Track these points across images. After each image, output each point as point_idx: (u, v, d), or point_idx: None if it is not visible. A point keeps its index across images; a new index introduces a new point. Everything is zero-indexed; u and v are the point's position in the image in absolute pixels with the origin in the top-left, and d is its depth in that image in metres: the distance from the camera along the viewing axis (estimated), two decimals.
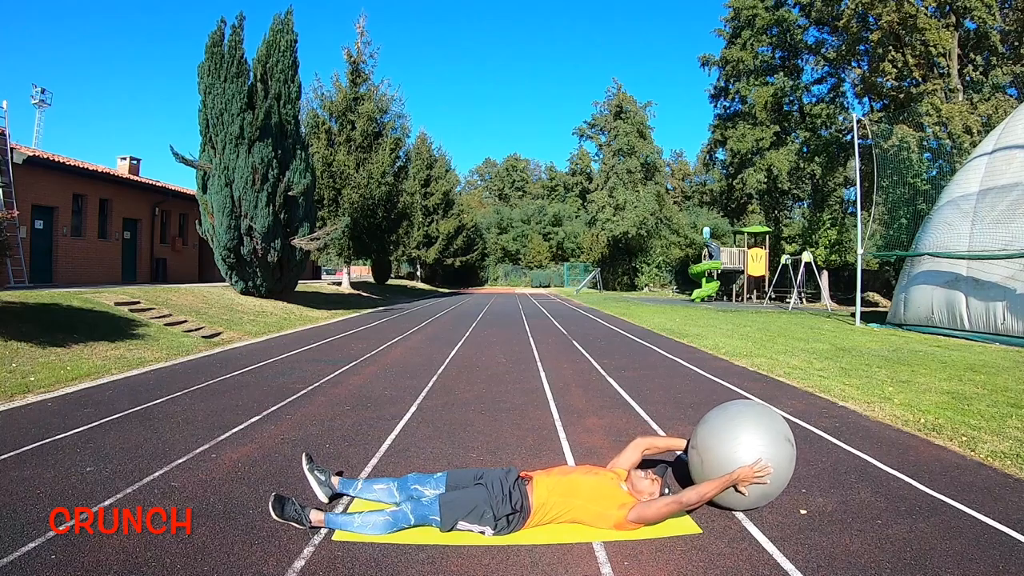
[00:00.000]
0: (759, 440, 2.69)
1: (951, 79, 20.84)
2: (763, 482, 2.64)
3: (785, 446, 2.73)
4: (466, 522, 2.54)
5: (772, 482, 2.67)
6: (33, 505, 2.71)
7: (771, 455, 2.66)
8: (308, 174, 14.30)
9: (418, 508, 2.60)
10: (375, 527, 2.53)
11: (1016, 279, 10.04)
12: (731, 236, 34.13)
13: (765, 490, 2.69)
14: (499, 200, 67.62)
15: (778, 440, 2.72)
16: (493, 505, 2.55)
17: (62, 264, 13.86)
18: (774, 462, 2.65)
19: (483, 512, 2.54)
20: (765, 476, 2.63)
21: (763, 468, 2.63)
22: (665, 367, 7.31)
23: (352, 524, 2.55)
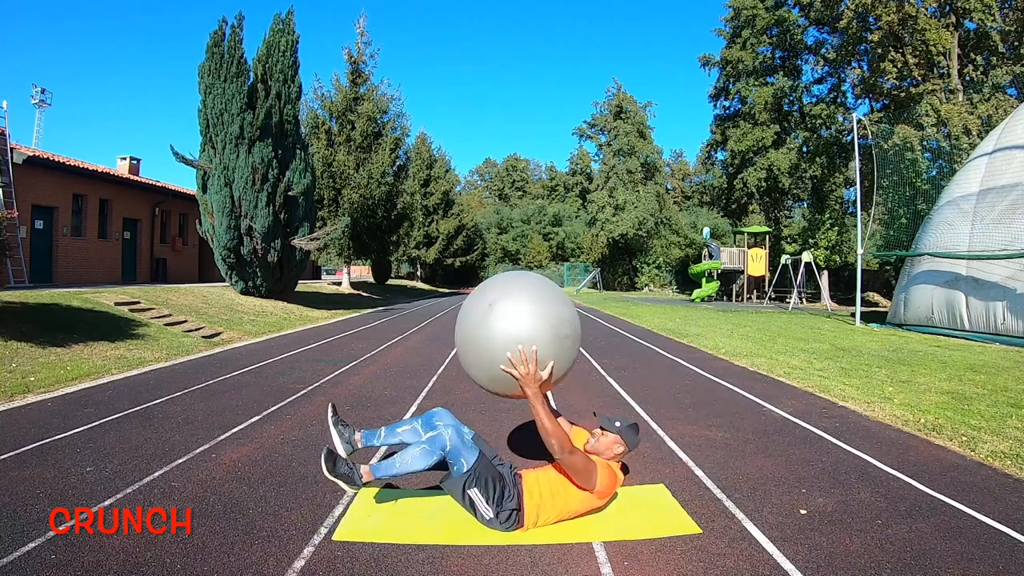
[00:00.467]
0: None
1: (951, 79, 20.84)
2: (523, 367, 2.49)
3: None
4: (479, 493, 2.52)
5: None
6: (33, 505, 2.71)
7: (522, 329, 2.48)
8: (308, 174, 14.30)
9: (458, 439, 2.58)
10: (415, 460, 2.54)
11: (1016, 279, 10.04)
12: (731, 236, 34.13)
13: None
14: (499, 200, 67.61)
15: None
16: (505, 495, 2.56)
17: (62, 264, 13.86)
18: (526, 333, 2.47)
19: (496, 496, 2.54)
20: (531, 359, 2.49)
21: (522, 354, 2.48)
22: (665, 367, 7.31)
23: (395, 466, 2.56)
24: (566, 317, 2.63)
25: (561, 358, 2.60)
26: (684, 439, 4.03)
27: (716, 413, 4.81)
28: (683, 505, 2.86)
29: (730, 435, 4.14)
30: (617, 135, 39.37)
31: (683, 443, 3.93)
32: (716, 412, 4.84)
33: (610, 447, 2.77)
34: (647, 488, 3.10)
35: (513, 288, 2.66)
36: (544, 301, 2.60)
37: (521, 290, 2.63)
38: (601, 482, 2.62)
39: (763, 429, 4.32)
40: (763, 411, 4.90)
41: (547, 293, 2.66)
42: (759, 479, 3.24)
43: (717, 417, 4.66)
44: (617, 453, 2.79)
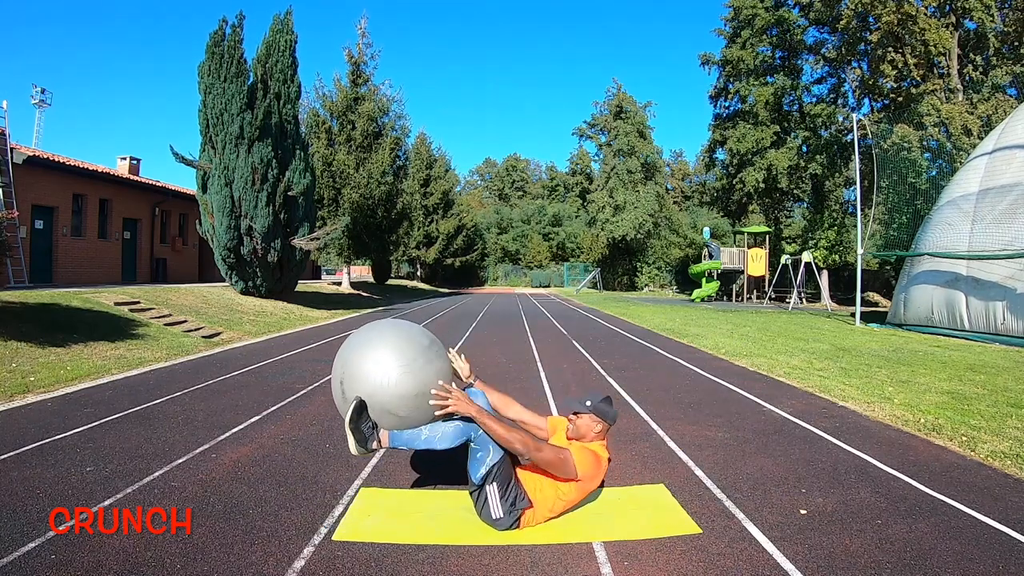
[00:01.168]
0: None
1: (951, 79, 20.84)
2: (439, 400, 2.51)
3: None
4: (496, 490, 2.52)
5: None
6: (33, 505, 2.71)
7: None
8: (308, 174, 14.31)
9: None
10: (445, 437, 2.51)
11: (1016, 279, 10.04)
12: (731, 236, 34.13)
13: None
14: (499, 200, 67.60)
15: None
16: (517, 496, 2.56)
17: (62, 264, 13.86)
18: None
19: (510, 495, 2.54)
20: (449, 391, 2.52)
21: (443, 389, 2.52)
22: (665, 367, 7.31)
23: (419, 438, 2.52)
24: (404, 349, 2.57)
25: (422, 380, 2.54)
26: (684, 439, 4.02)
27: (716, 413, 4.81)
28: (683, 505, 2.86)
29: (730, 435, 4.14)
30: (617, 135, 39.37)
31: (683, 443, 3.93)
32: (716, 412, 4.84)
33: (589, 427, 2.75)
34: (647, 488, 3.10)
35: (349, 354, 2.64)
36: (374, 353, 2.56)
37: (353, 354, 2.62)
38: (582, 468, 2.60)
39: (763, 429, 4.32)
40: (763, 411, 4.90)
41: (375, 345, 2.60)
42: (759, 479, 3.24)
43: (717, 417, 4.66)
44: (598, 431, 2.76)
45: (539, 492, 2.61)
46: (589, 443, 2.75)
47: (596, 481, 2.72)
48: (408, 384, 2.47)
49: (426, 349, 2.59)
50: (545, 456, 2.55)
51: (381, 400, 2.47)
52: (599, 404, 2.76)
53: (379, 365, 2.49)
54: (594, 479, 2.69)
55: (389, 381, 2.46)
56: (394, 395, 2.46)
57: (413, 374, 2.49)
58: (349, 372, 2.55)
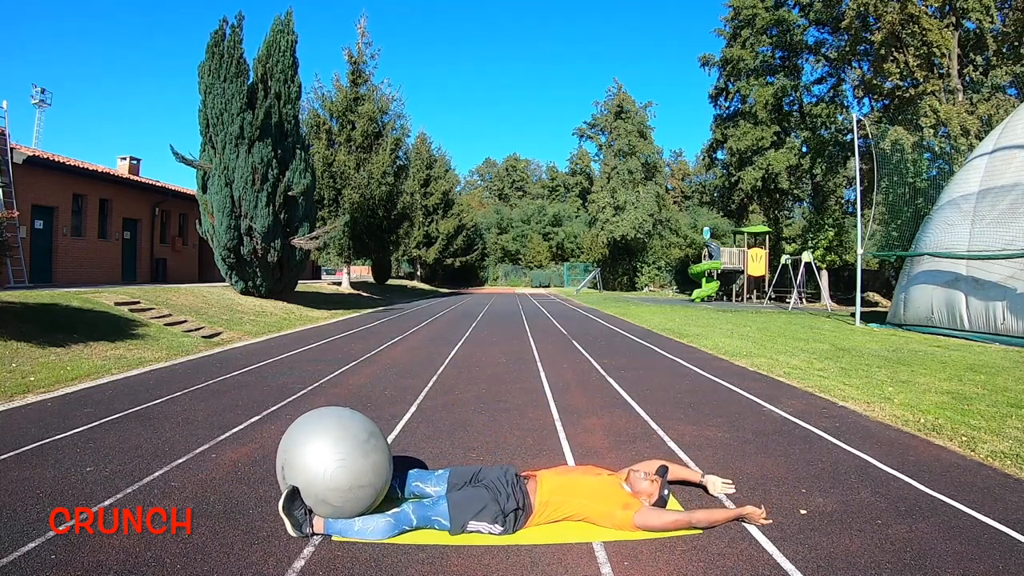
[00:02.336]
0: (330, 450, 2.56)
1: (951, 79, 20.84)
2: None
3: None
4: (476, 521, 2.52)
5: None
6: (33, 505, 2.71)
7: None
8: (308, 174, 14.31)
9: (421, 509, 2.57)
10: (376, 531, 2.49)
11: (1016, 279, 10.04)
12: (731, 236, 34.13)
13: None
14: (499, 200, 67.59)
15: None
16: (500, 502, 2.55)
17: (62, 264, 13.86)
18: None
19: (493, 511, 2.53)
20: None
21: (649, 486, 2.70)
22: (665, 367, 7.31)
23: (352, 529, 2.51)
24: (341, 441, 2.59)
25: (356, 473, 2.55)
26: (684, 439, 4.02)
27: (716, 413, 4.81)
28: (683, 505, 2.86)
29: (730, 435, 4.14)
30: (617, 135, 39.38)
31: (683, 443, 3.93)
32: (716, 412, 4.84)
33: (647, 492, 2.73)
34: None
35: (290, 446, 2.64)
36: (314, 445, 2.58)
37: (295, 445, 2.62)
38: (649, 526, 2.59)
39: (763, 429, 4.32)
40: (763, 411, 4.90)
41: (316, 435, 2.61)
42: (759, 479, 3.24)
43: (717, 417, 4.66)
44: (645, 497, 2.74)
45: (558, 494, 2.62)
46: (636, 497, 2.72)
47: (628, 532, 2.62)
48: (342, 477, 2.52)
49: (363, 443, 2.62)
50: (697, 525, 2.61)
51: (316, 490, 2.52)
52: (666, 480, 2.83)
53: (316, 457, 2.54)
54: (622, 528, 2.61)
55: (325, 473, 2.51)
56: (328, 487, 2.51)
57: (347, 468, 2.53)
58: (288, 460, 2.61)
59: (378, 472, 2.62)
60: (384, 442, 2.76)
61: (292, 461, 2.59)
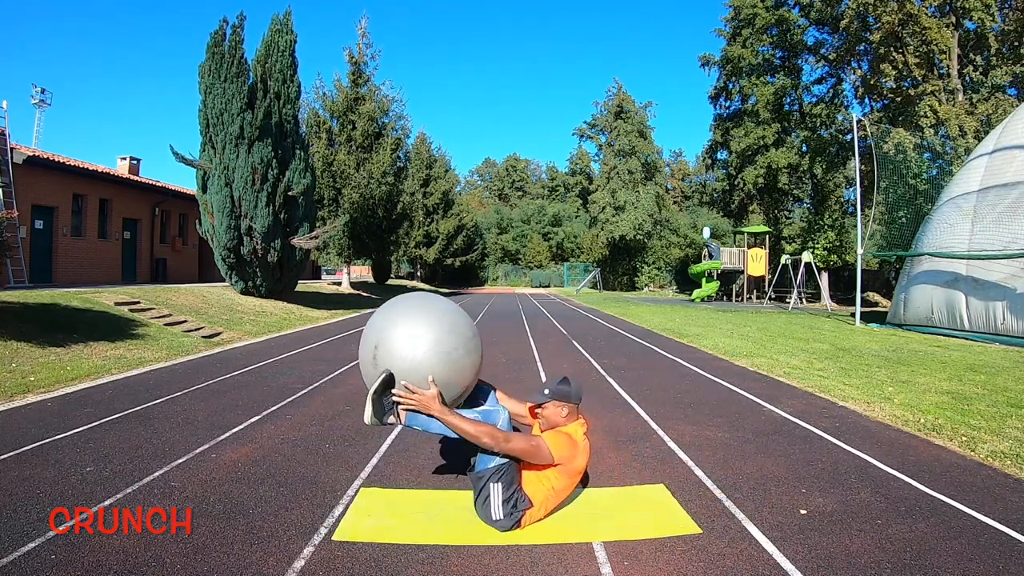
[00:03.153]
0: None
1: (951, 79, 20.84)
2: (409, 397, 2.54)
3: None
4: (500, 490, 2.53)
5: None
6: (33, 505, 2.71)
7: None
8: (308, 174, 14.31)
9: (507, 426, 2.62)
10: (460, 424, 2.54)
11: (1016, 279, 10.04)
12: (731, 236, 34.13)
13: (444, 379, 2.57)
14: (499, 200, 67.60)
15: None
16: (518, 498, 2.57)
17: (62, 264, 13.86)
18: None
19: (512, 497, 2.54)
20: (410, 390, 2.54)
21: (405, 390, 2.55)
22: (665, 367, 7.31)
23: (435, 423, 2.56)
24: (445, 332, 2.62)
25: (457, 370, 2.60)
26: (684, 439, 4.03)
27: (716, 413, 4.81)
28: (683, 505, 2.86)
29: (730, 435, 4.14)
30: (617, 135, 39.38)
31: (683, 443, 3.93)
32: (716, 412, 4.84)
33: (556, 414, 2.75)
34: (647, 488, 3.10)
35: (389, 324, 2.66)
36: (416, 330, 2.60)
37: (395, 325, 2.64)
38: (557, 451, 2.61)
39: (763, 429, 4.32)
40: (763, 411, 4.90)
41: (421, 322, 2.63)
42: (759, 479, 3.24)
43: (717, 417, 4.66)
44: (565, 415, 2.76)
45: (532, 490, 2.62)
46: (564, 427, 2.74)
47: (578, 461, 2.69)
48: (444, 371, 2.54)
49: (468, 340, 2.66)
50: (516, 446, 2.55)
51: (412, 377, 2.54)
52: (557, 387, 2.76)
53: (423, 344, 2.54)
54: (574, 459, 2.66)
55: (425, 362, 2.52)
56: (423, 376, 2.53)
57: (449, 361, 2.55)
58: (385, 343, 2.58)
59: (474, 372, 2.69)
60: (481, 343, 2.80)
61: (391, 345, 2.56)
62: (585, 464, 2.77)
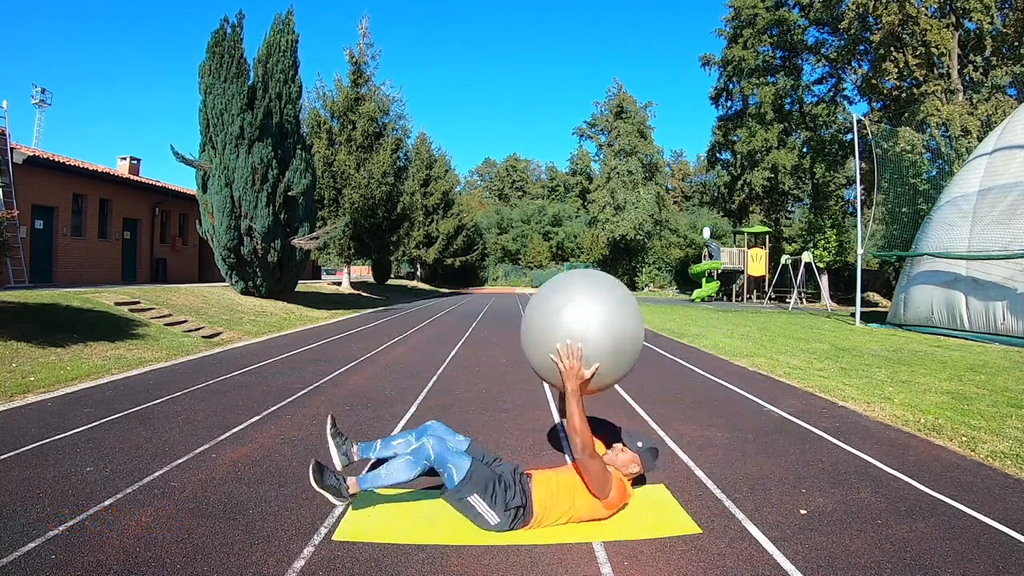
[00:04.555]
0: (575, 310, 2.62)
1: (951, 79, 20.84)
2: (576, 364, 2.57)
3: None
4: (479, 497, 2.53)
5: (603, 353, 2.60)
6: (33, 505, 2.71)
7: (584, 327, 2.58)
8: (308, 174, 14.30)
9: (442, 447, 2.62)
10: (400, 471, 2.57)
11: (1016, 279, 10.04)
12: (731, 236, 34.14)
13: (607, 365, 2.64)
14: (499, 200, 67.60)
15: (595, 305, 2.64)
16: (508, 494, 2.56)
17: (62, 264, 13.86)
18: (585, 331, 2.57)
19: (499, 499, 2.54)
20: (576, 355, 2.56)
21: (568, 348, 2.56)
22: (665, 367, 7.30)
23: (380, 478, 2.59)
24: (631, 334, 2.73)
25: (610, 367, 2.68)
26: (684, 439, 4.02)
27: (716, 413, 4.81)
28: (683, 505, 2.86)
29: (730, 435, 4.14)
30: (618, 135, 39.38)
31: (683, 443, 3.93)
32: (716, 412, 4.84)
33: (627, 465, 2.80)
34: (647, 488, 3.10)
35: (593, 289, 2.73)
36: (616, 312, 2.68)
37: (598, 292, 2.72)
38: (613, 493, 2.62)
39: (763, 429, 4.32)
40: (763, 411, 4.90)
41: (622, 306, 2.73)
42: (759, 479, 3.24)
43: (717, 417, 4.66)
44: (631, 472, 2.81)
45: (554, 497, 2.61)
46: (624, 471, 2.79)
47: (613, 509, 2.69)
48: (610, 362, 2.67)
49: (639, 350, 2.85)
50: (594, 466, 2.58)
51: (605, 338, 2.62)
52: (646, 452, 2.85)
53: (615, 329, 2.65)
54: (613, 507, 2.67)
55: (605, 345, 2.61)
56: (604, 344, 2.62)
57: (622, 359, 2.73)
58: (584, 305, 2.64)
59: (617, 379, 2.82)
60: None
61: (591, 312, 2.62)
62: (607, 515, 2.71)
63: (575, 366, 2.57)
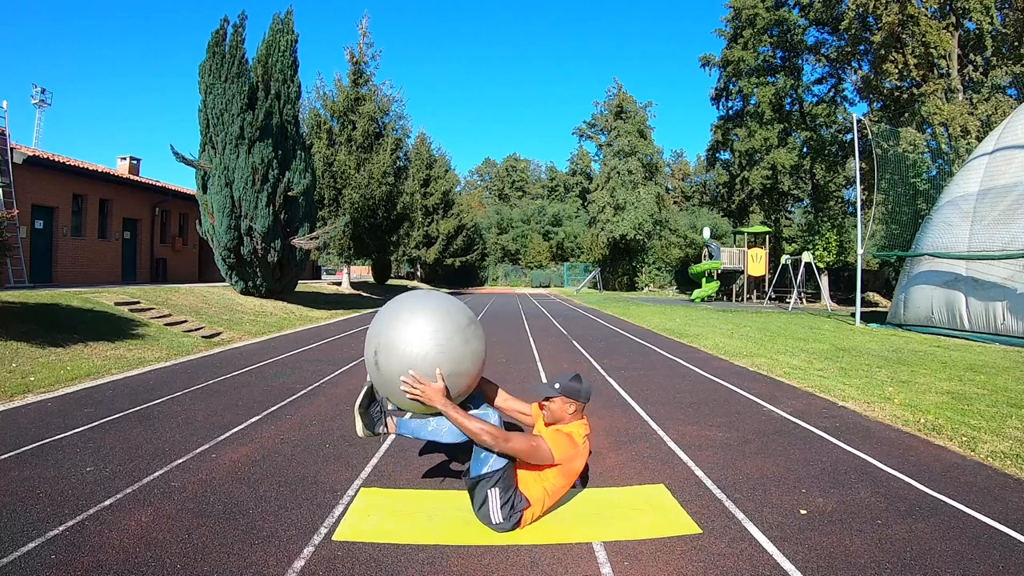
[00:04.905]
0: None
1: (951, 79, 20.85)
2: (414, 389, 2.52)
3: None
4: (499, 493, 2.52)
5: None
6: (33, 505, 2.71)
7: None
8: (308, 174, 14.31)
9: (501, 426, 2.61)
10: (451, 432, 2.56)
11: (1016, 279, 10.04)
12: (731, 236, 34.14)
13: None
14: (499, 200, 67.62)
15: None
16: (517, 499, 2.56)
17: (62, 264, 13.86)
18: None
19: (511, 502, 2.54)
20: (418, 380, 2.52)
21: (410, 381, 2.52)
22: (665, 367, 7.30)
23: (425, 429, 2.59)
24: (442, 326, 2.61)
25: (453, 360, 2.59)
26: (684, 439, 4.03)
27: (716, 413, 4.81)
28: (683, 505, 2.86)
29: (730, 435, 4.14)
30: (618, 135, 39.39)
31: (683, 443, 3.93)
32: (716, 412, 4.84)
33: (563, 410, 2.74)
34: (647, 488, 3.10)
35: (385, 325, 2.69)
36: (412, 322, 2.61)
37: (391, 324, 2.66)
38: (558, 451, 2.60)
39: (763, 429, 4.32)
40: (763, 411, 4.90)
41: (416, 313, 2.65)
42: (759, 479, 3.24)
43: (717, 417, 4.66)
44: (572, 412, 2.75)
45: (529, 489, 2.62)
46: (566, 425, 2.74)
47: (577, 462, 2.68)
48: (442, 363, 2.54)
49: (463, 329, 2.63)
50: (516, 445, 2.54)
51: (418, 366, 2.54)
52: (568, 384, 2.75)
53: (417, 340, 2.53)
54: (573, 460, 2.66)
55: (426, 357, 2.51)
56: (427, 373, 2.54)
57: (447, 353, 2.54)
58: (386, 343, 2.59)
59: (476, 361, 2.64)
60: (482, 331, 2.76)
61: (390, 343, 2.56)
62: (583, 466, 2.77)
63: (426, 389, 2.51)
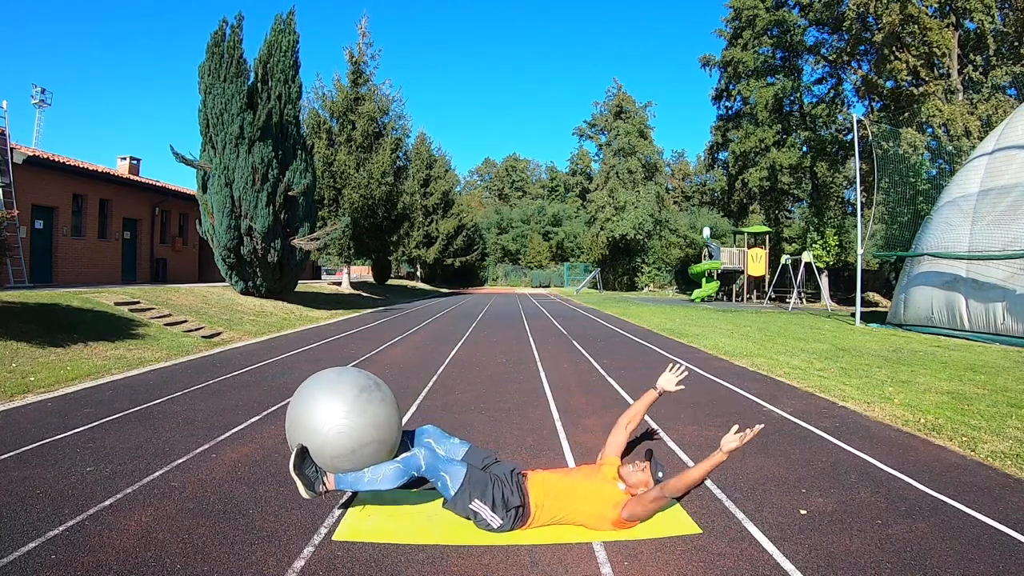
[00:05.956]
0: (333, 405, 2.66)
1: (951, 79, 20.85)
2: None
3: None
4: (480, 503, 2.52)
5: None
6: (33, 505, 2.71)
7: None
8: (308, 174, 14.31)
9: (433, 458, 2.60)
10: (386, 479, 2.54)
11: (1016, 279, 10.04)
12: (731, 236, 34.13)
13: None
14: (499, 200, 67.62)
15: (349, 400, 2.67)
16: (505, 495, 2.55)
17: (62, 264, 13.86)
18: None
19: (498, 499, 2.53)
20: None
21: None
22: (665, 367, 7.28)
23: (362, 480, 2.57)
24: (335, 407, 2.65)
25: (374, 416, 2.66)
26: (684, 439, 4.03)
27: (716, 413, 4.81)
28: (683, 505, 2.86)
29: None
30: (617, 135, 39.40)
31: (683, 443, 3.93)
32: (716, 412, 4.84)
33: (640, 483, 2.71)
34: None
35: (292, 429, 2.76)
36: (313, 417, 2.66)
37: (295, 426, 2.73)
38: (628, 510, 2.58)
39: (763, 429, 4.31)
40: (763, 411, 4.90)
41: (308, 410, 2.69)
42: (759, 479, 3.24)
43: (717, 417, 4.66)
44: (639, 492, 2.71)
45: (547, 498, 2.59)
46: (627, 491, 2.71)
47: (627, 529, 2.60)
48: (342, 443, 2.61)
49: (354, 400, 2.66)
50: (660, 506, 2.62)
51: (323, 459, 2.64)
52: (655, 463, 2.81)
53: (314, 429, 2.63)
54: (620, 527, 2.58)
55: (325, 442, 2.60)
56: (333, 455, 2.62)
57: (344, 433, 2.61)
58: (292, 437, 2.71)
59: (380, 425, 2.65)
60: (381, 392, 2.76)
61: (296, 437, 2.67)
62: (608, 530, 2.65)
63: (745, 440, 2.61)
